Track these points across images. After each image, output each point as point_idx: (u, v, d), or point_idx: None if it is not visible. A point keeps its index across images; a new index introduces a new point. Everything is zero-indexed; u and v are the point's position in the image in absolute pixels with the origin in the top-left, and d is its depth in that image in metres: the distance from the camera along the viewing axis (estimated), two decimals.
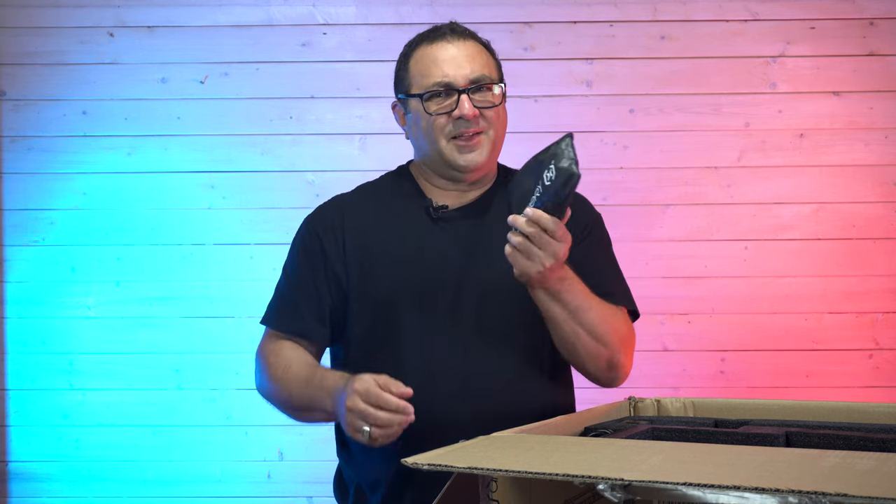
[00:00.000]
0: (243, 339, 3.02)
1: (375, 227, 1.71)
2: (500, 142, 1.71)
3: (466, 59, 1.65)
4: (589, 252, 1.71)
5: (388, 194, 1.76)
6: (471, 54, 1.66)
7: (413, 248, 1.68)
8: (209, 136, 3.05)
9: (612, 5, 3.03)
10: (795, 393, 2.93)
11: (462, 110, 1.62)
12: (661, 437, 1.37)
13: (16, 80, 3.05)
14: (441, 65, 1.64)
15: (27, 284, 3.05)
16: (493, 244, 1.67)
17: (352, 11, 3.06)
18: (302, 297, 1.71)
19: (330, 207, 1.77)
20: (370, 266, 1.68)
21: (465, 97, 1.62)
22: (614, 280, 1.76)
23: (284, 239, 2.96)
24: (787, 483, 0.88)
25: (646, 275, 2.98)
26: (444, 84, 1.63)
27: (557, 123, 3.00)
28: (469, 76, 1.64)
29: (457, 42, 1.66)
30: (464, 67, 1.64)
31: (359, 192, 1.80)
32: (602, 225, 1.80)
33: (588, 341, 1.61)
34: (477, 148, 1.66)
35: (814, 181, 3.01)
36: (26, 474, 3.04)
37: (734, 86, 3.03)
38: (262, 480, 3.03)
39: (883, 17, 3.00)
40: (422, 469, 1.05)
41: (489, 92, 1.66)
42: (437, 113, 1.64)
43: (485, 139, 1.66)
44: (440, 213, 1.70)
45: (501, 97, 1.67)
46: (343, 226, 1.71)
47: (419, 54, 1.67)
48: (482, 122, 1.65)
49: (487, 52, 1.70)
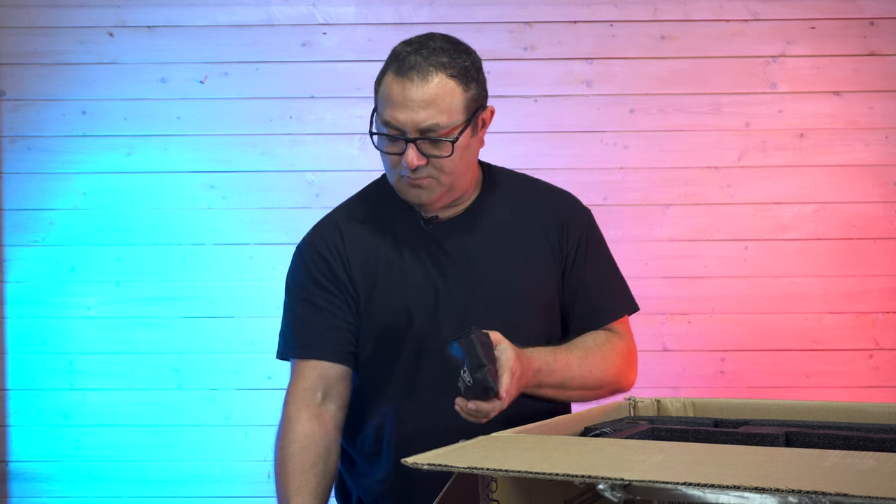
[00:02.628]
0: (243, 339, 3.02)
1: (376, 250, 1.67)
2: (457, 180, 1.61)
3: (422, 105, 1.53)
4: (584, 269, 1.71)
5: (380, 209, 1.71)
6: (427, 100, 1.53)
7: (412, 265, 1.65)
8: (209, 136, 3.05)
9: (612, 5, 3.03)
10: (795, 393, 2.93)
11: (406, 158, 1.55)
12: (661, 437, 1.37)
13: (16, 80, 3.05)
14: (395, 107, 1.54)
15: (27, 284, 3.05)
16: (491, 250, 1.67)
17: (352, 11, 3.06)
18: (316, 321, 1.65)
19: (327, 230, 1.71)
20: (374, 286, 1.65)
21: (411, 147, 1.54)
22: (612, 289, 1.76)
23: (284, 239, 3.00)
24: (787, 483, 0.88)
25: (646, 275, 2.98)
26: (395, 128, 1.55)
27: (557, 123, 3.00)
28: (420, 125, 1.53)
29: (419, 82, 1.53)
30: (416, 113, 1.53)
31: (350, 212, 1.73)
32: (594, 226, 1.77)
33: (585, 394, 1.65)
34: (426, 188, 1.59)
35: (814, 181, 3.01)
36: (26, 474, 3.04)
37: (734, 86, 3.03)
38: (262, 480, 3.02)
39: (883, 17, 3.00)
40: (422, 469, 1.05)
41: (440, 143, 1.55)
42: (388, 153, 1.59)
43: (432, 182, 1.59)
44: (432, 226, 1.67)
45: (451, 151, 1.55)
46: (345, 248, 1.67)
47: (386, 81, 1.57)
48: (432, 170, 1.57)
49: (455, 90, 1.55)
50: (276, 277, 1.80)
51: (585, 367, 1.63)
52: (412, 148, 1.54)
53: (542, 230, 1.71)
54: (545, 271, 1.70)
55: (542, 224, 1.71)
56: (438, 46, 1.56)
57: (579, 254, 1.71)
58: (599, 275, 1.74)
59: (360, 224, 1.70)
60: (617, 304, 1.74)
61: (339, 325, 1.64)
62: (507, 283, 1.66)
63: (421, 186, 1.59)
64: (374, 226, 1.69)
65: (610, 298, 1.74)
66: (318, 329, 1.64)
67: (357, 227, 1.70)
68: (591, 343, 1.68)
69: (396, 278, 1.65)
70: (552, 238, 1.71)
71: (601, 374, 1.64)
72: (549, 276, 1.70)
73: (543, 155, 2.98)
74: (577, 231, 1.72)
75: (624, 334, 1.74)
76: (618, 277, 1.78)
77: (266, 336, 1.64)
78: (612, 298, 1.75)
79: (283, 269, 1.77)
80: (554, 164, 2.98)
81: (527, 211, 1.73)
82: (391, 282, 1.65)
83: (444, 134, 1.54)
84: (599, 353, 1.66)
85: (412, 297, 1.64)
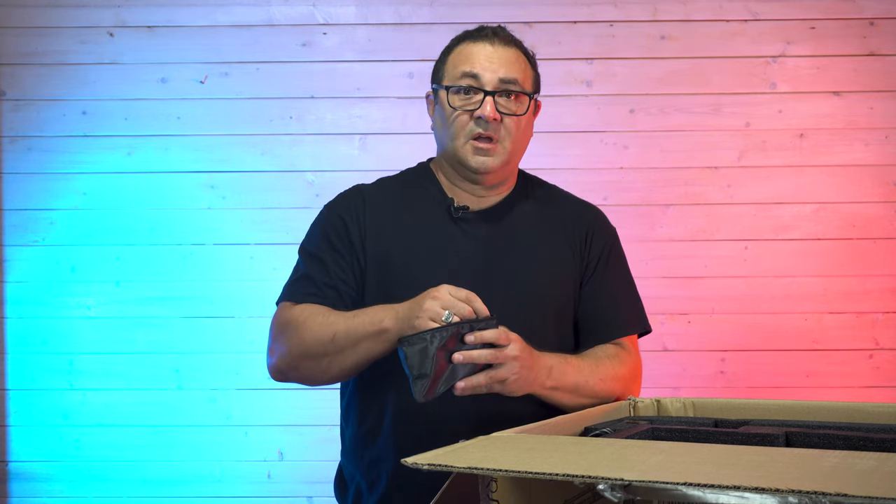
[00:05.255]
0: (243, 339, 3.02)
1: (396, 226, 1.69)
2: (517, 153, 1.70)
3: (502, 62, 1.64)
4: (605, 284, 1.73)
5: (409, 191, 1.74)
6: (509, 59, 1.65)
7: (433, 249, 1.67)
8: (209, 136, 3.05)
9: (612, 5, 3.03)
10: (795, 393, 2.93)
11: (483, 111, 1.62)
12: (661, 437, 1.37)
13: (16, 80, 3.05)
14: (475, 61, 1.64)
15: (27, 284, 3.05)
16: (514, 249, 1.68)
17: (352, 11, 3.06)
18: (322, 277, 1.67)
19: (353, 195, 1.74)
20: (388, 265, 1.67)
21: (489, 98, 1.62)
22: (628, 305, 1.77)
23: (284, 239, 3.00)
24: (787, 483, 0.88)
25: (646, 275, 2.97)
26: (474, 77, 1.63)
27: (557, 123, 3.00)
28: (500, 78, 1.63)
29: (498, 45, 1.65)
30: (497, 69, 1.63)
31: (380, 186, 1.78)
32: (618, 244, 1.81)
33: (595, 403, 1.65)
34: (491, 154, 1.65)
35: (814, 181, 3.01)
36: (26, 474, 3.04)
37: (734, 86, 3.03)
38: (262, 480, 3.03)
39: (883, 17, 3.00)
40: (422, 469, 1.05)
41: (516, 100, 1.65)
42: (461, 108, 1.64)
43: (500, 148, 1.65)
44: (461, 214, 1.69)
45: (526, 108, 1.66)
46: (366, 216, 1.69)
47: (460, 48, 1.67)
48: (501, 131, 1.64)
49: (527, 63, 1.69)
50: (276, 277, 1.80)
51: (597, 374, 1.64)
52: (490, 101, 1.62)
53: (566, 238, 1.73)
54: (564, 278, 1.71)
55: (567, 232, 1.74)
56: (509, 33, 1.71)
57: (600, 266, 1.73)
58: (617, 290, 1.76)
59: (386, 198, 1.73)
60: (630, 320, 1.76)
61: (337, 285, 1.66)
62: (523, 283, 1.67)
63: (488, 151, 1.64)
64: (401, 204, 1.72)
65: (624, 314, 1.76)
66: (318, 284, 1.66)
67: (382, 200, 1.72)
68: (602, 354, 1.69)
69: (415, 262, 1.66)
70: (575, 246, 1.73)
71: (611, 384, 1.65)
72: (567, 284, 1.71)
73: (543, 155, 2.98)
74: (601, 243, 1.75)
75: (632, 351, 1.75)
76: (635, 296, 1.80)
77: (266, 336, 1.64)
78: (627, 314, 1.76)
79: (283, 269, 1.78)
80: (554, 164, 2.98)
81: (553, 217, 1.75)
82: (408, 264, 1.66)
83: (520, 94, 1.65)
84: (609, 364, 1.68)
85: (428, 282, 1.64)
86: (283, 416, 3.01)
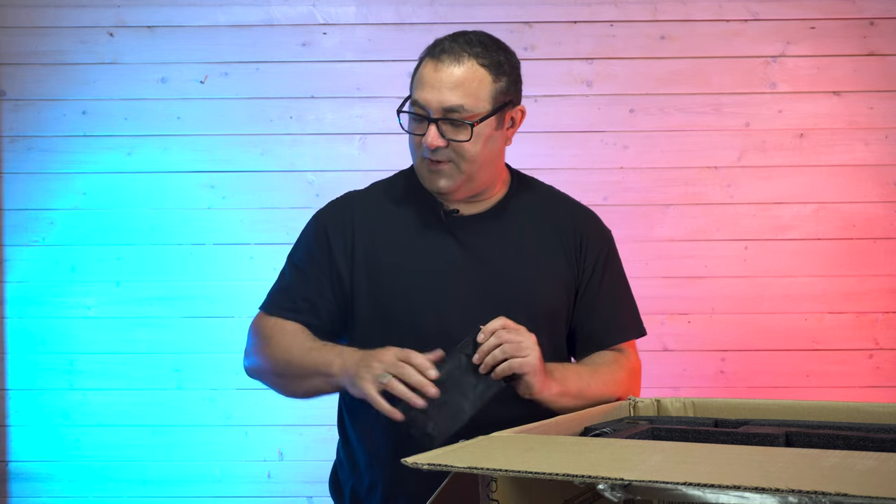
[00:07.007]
0: (243, 340, 3.00)
1: (386, 230, 1.69)
2: (480, 169, 1.64)
3: (449, 86, 1.57)
4: (598, 287, 1.72)
5: (401, 195, 1.73)
6: (458, 80, 1.57)
7: (423, 255, 1.66)
8: (209, 136, 3.05)
9: (612, 5, 3.03)
10: (795, 393, 2.93)
11: (427, 139, 1.59)
12: (661, 437, 1.37)
13: (16, 80, 3.05)
14: (423, 86, 1.60)
15: (27, 284, 3.05)
16: (505, 254, 1.67)
17: (352, 11, 3.06)
18: (302, 290, 1.69)
19: (341, 204, 1.75)
20: (378, 272, 1.66)
21: (432, 126, 1.58)
22: (624, 311, 1.77)
23: (284, 239, 2.99)
24: (787, 483, 0.88)
25: (646, 275, 2.98)
26: (419, 104, 1.60)
27: (557, 123, 3.00)
28: (444, 104, 1.57)
29: (449, 64, 1.58)
30: (441, 94, 1.57)
31: (372, 191, 1.78)
32: (614, 248, 1.79)
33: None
34: (445, 174, 1.62)
35: (814, 181, 3.01)
36: (26, 474, 3.04)
37: (734, 86, 3.03)
38: (262, 480, 3.03)
39: (883, 17, 3.00)
40: (422, 469, 1.05)
41: (461, 126, 1.58)
42: (413, 133, 1.64)
43: (452, 168, 1.62)
44: (451, 219, 1.68)
45: (470, 136, 1.58)
46: (353, 225, 1.69)
47: (420, 68, 1.63)
48: (452, 154, 1.60)
49: (486, 77, 1.60)
50: (276, 277, 1.80)
51: (597, 378, 1.64)
52: (433, 128, 1.58)
53: (560, 242, 1.72)
54: (558, 282, 1.71)
55: (560, 236, 1.73)
56: (476, 39, 1.62)
57: (596, 271, 1.73)
58: (613, 295, 1.76)
59: (376, 205, 1.73)
60: (627, 325, 1.76)
61: (313, 298, 1.68)
62: (517, 287, 1.66)
63: (441, 172, 1.62)
64: (392, 209, 1.71)
65: (621, 319, 1.76)
66: (294, 297, 1.69)
67: (372, 207, 1.72)
68: (600, 360, 1.70)
69: (406, 267, 1.66)
70: (570, 251, 1.72)
71: (612, 388, 1.65)
72: (561, 288, 1.71)
73: (543, 155, 2.98)
74: (597, 248, 1.74)
75: (631, 355, 1.75)
76: (630, 301, 1.80)
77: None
78: (623, 320, 1.76)
79: None
80: (554, 164, 2.98)
81: (549, 220, 1.74)
82: (399, 269, 1.66)
83: (466, 117, 1.58)
84: (609, 369, 1.68)
85: (418, 286, 1.64)
86: (283, 416, 3.01)
